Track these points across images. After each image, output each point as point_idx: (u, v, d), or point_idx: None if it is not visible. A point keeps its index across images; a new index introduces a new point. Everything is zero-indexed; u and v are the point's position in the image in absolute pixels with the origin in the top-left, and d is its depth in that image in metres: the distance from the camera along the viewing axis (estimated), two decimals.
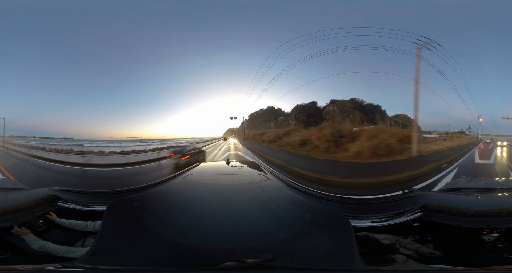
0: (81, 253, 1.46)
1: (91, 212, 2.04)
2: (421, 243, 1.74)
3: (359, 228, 1.76)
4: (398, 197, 2.53)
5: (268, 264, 1.12)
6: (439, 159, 9.92)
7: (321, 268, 1.16)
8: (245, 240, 1.34)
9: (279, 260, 1.16)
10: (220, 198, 2.00)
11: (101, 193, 2.51)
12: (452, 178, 7.52)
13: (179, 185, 2.34)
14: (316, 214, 1.78)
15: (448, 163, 9.64)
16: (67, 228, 1.94)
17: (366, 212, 2.22)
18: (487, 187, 2.57)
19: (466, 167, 9.71)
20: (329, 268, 1.16)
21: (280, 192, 2.20)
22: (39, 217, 1.93)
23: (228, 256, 1.19)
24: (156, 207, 1.86)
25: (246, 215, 1.71)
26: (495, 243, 1.62)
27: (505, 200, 2.15)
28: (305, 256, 1.23)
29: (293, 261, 1.19)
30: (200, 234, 1.39)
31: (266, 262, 1.13)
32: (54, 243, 1.65)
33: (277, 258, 1.16)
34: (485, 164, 10.69)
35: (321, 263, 1.18)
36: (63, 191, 2.33)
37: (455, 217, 1.74)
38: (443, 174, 8.10)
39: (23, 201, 1.98)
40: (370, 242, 1.65)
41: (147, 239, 1.35)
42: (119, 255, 1.23)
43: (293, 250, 1.25)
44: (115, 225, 1.50)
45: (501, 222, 1.65)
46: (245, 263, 1.12)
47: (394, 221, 1.87)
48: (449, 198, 2.19)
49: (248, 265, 1.11)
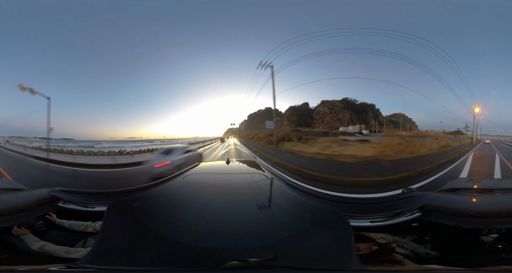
0: (82, 253, 1.46)
1: (91, 213, 2.04)
2: (419, 243, 1.74)
3: (358, 227, 1.76)
4: (397, 197, 2.53)
5: (269, 263, 1.13)
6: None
7: (320, 268, 1.16)
8: (246, 239, 1.34)
9: (280, 260, 1.16)
10: (220, 198, 2.00)
11: (101, 194, 2.51)
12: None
13: (179, 185, 2.34)
14: (316, 213, 1.78)
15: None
16: (68, 228, 1.94)
17: (365, 211, 2.22)
18: (486, 188, 2.57)
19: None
20: (327, 268, 1.16)
21: (280, 191, 2.20)
22: (39, 217, 1.93)
23: (230, 256, 1.19)
24: (157, 207, 1.86)
25: (247, 214, 1.71)
26: (494, 244, 1.62)
27: (505, 200, 2.13)
28: (305, 256, 1.23)
29: (294, 261, 1.19)
30: (201, 233, 1.39)
31: (267, 262, 1.13)
32: (54, 243, 1.65)
33: (278, 257, 1.16)
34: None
35: (320, 263, 1.19)
36: (63, 192, 2.32)
37: (454, 217, 1.74)
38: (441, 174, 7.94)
39: (23, 201, 1.98)
40: (368, 242, 1.65)
41: (149, 239, 1.35)
42: (121, 255, 1.23)
43: (293, 249, 1.26)
44: (116, 225, 1.50)
45: (500, 222, 1.65)
46: (247, 262, 1.12)
47: (393, 221, 1.87)
48: (448, 198, 2.19)
49: (250, 265, 1.12)
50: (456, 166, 9.50)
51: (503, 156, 11.10)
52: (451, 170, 8.70)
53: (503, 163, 9.93)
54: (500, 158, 10.77)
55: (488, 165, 9.76)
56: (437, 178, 7.59)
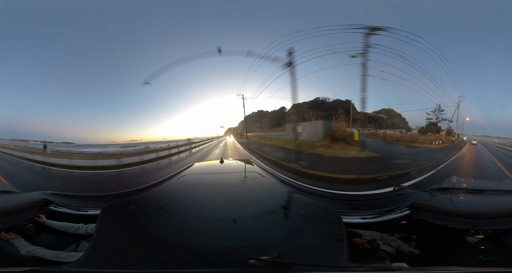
0: (74, 258, 1.42)
1: (84, 217, 2.00)
2: (405, 241, 1.76)
3: (349, 224, 1.78)
4: (388, 195, 2.56)
5: (278, 261, 1.12)
6: None
7: (312, 264, 1.17)
8: (244, 238, 1.35)
9: (283, 257, 1.16)
10: (216, 198, 2.01)
11: (95, 197, 2.49)
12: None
13: (174, 187, 2.34)
14: (310, 210, 1.80)
15: None
16: (58, 231, 1.89)
17: (357, 208, 2.24)
18: (477, 188, 2.58)
19: None
20: (320, 264, 1.17)
21: (274, 189, 2.22)
22: (28, 220, 1.88)
23: (228, 255, 1.19)
24: (152, 209, 1.85)
25: (243, 213, 1.72)
26: (477, 245, 1.62)
27: (494, 201, 2.14)
28: (301, 253, 1.24)
29: (297, 258, 1.20)
30: (199, 234, 1.39)
31: (273, 260, 1.12)
32: (44, 247, 1.61)
33: (282, 255, 1.16)
34: None
35: (313, 260, 1.20)
36: (55, 195, 2.28)
37: (442, 216, 1.75)
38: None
39: (12, 204, 1.94)
40: (357, 238, 1.66)
41: (145, 241, 1.34)
42: (117, 258, 1.21)
43: (291, 247, 1.27)
44: (110, 228, 1.48)
45: (488, 223, 1.65)
46: (247, 262, 1.11)
47: (383, 218, 1.89)
48: (438, 198, 2.21)
49: (251, 264, 1.10)
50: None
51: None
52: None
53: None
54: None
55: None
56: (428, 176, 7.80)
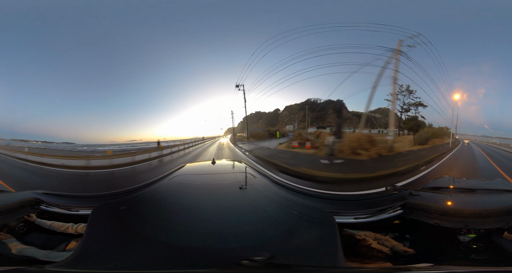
0: (63, 257, 1.39)
1: (75, 216, 1.99)
2: (398, 240, 1.75)
3: (342, 224, 1.77)
4: (381, 194, 2.55)
5: (265, 262, 1.11)
6: None
7: (305, 264, 1.16)
8: (237, 239, 1.34)
9: (277, 258, 1.15)
10: (207, 198, 2.01)
11: (86, 197, 2.49)
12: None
13: (166, 187, 2.33)
14: (302, 210, 1.80)
15: None
16: (49, 230, 1.88)
17: (349, 208, 2.22)
18: (469, 188, 2.59)
19: None
20: (314, 265, 1.16)
21: (266, 190, 2.22)
22: (19, 220, 1.87)
23: (220, 256, 1.18)
24: (143, 209, 1.84)
25: (235, 214, 1.72)
26: (469, 244, 1.62)
27: (486, 201, 2.14)
28: (294, 253, 1.24)
29: (290, 259, 1.19)
30: (191, 234, 1.38)
31: (266, 260, 1.11)
32: (34, 246, 1.59)
33: (275, 256, 1.15)
34: None
35: (307, 260, 1.19)
36: (46, 195, 2.27)
37: (434, 215, 1.75)
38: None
39: (4, 203, 1.91)
40: (350, 238, 1.64)
41: (136, 241, 1.33)
42: (106, 258, 1.19)
43: (284, 247, 1.26)
44: (101, 228, 1.48)
45: (479, 223, 1.65)
46: (240, 263, 1.09)
47: (376, 218, 1.88)
48: (430, 197, 2.22)
49: (244, 265, 1.09)
50: None
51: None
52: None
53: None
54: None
55: None
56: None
